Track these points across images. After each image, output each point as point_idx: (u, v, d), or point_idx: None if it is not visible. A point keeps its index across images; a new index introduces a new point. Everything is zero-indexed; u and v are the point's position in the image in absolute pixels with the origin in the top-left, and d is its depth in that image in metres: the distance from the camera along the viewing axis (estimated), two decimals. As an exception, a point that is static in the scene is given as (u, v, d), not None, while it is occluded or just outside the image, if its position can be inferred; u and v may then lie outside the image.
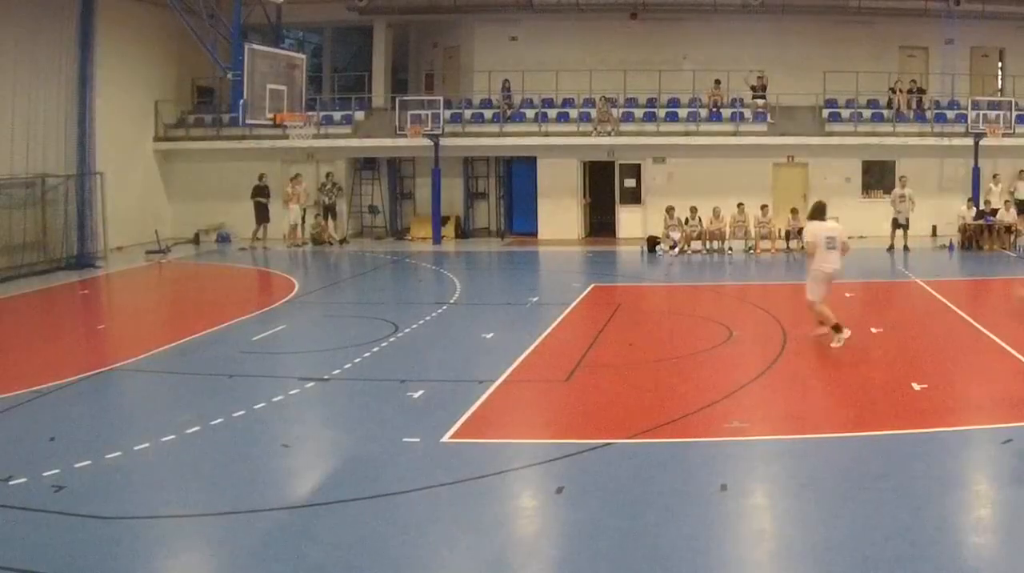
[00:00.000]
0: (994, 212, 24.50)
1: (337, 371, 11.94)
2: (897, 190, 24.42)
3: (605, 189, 28.07)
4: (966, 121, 25.60)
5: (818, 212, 13.32)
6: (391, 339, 13.85)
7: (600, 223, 28.32)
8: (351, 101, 29.30)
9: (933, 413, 10.00)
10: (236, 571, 6.65)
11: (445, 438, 9.25)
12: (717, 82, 27.40)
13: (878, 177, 26.96)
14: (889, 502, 7.39)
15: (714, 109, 27.49)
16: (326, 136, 27.68)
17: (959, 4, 26.63)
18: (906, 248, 23.51)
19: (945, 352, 12.95)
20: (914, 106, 27.26)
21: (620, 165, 27.78)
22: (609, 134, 26.92)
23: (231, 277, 22.13)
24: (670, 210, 25.12)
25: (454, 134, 27.39)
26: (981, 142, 25.44)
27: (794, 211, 24.71)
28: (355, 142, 28.26)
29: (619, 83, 27.61)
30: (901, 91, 27.37)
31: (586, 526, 7.20)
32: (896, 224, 23.94)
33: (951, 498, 7.62)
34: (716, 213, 24.97)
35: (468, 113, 28.09)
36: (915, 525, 6.98)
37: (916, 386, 10.80)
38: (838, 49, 27.43)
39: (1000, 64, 28.58)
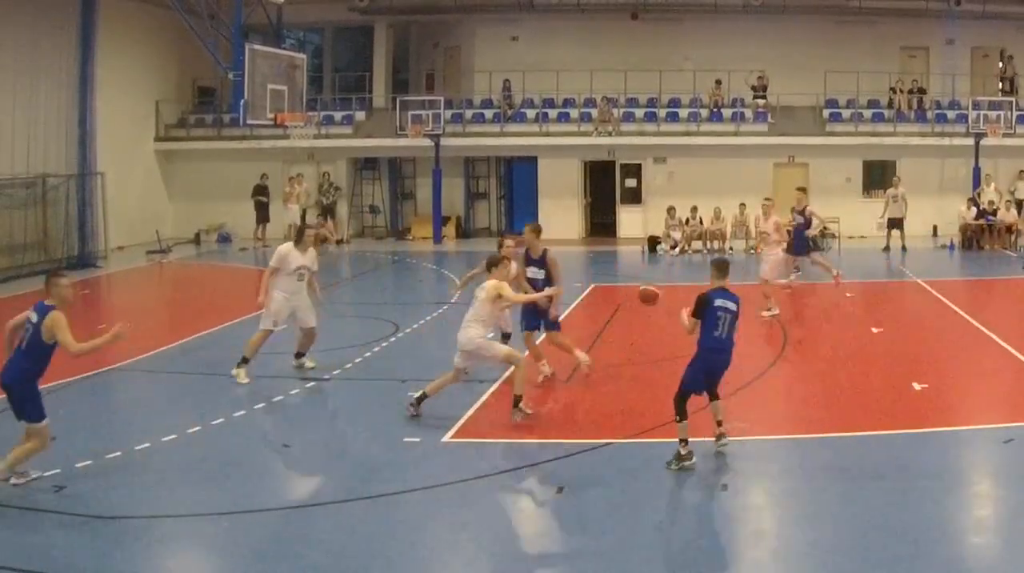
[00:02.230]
0: (995, 212, 24.50)
1: (338, 371, 11.94)
2: (891, 190, 24.40)
3: (606, 189, 28.06)
4: (967, 121, 25.60)
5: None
6: (392, 339, 13.86)
7: (601, 223, 28.31)
8: (352, 101, 29.30)
9: (933, 413, 10.01)
10: (236, 571, 6.66)
11: (446, 438, 9.25)
12: (718, 82, 27.39)
13: (879, 177, 26.93)
14: (889, 502, 7.40)
15: (715, 109, 27.48)
16: (327, 136, 27.70)
17: (960, 4, 26.62)
18: (904, 248, 23.51)
19: (945, 352, 12.95)
20: (915, 106, 27.25)
21: (621, 165, 27.77)
22: (610, 134, 26.91)
23: (232, 277, 22.13)
24: (671, 210, 25.13)
25: (455, 134, 27.39)
26: (982, 142, 25.43)
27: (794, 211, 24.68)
28: (356, 142, 28.27)
29: (620, 83, 27.60)
30: (902, 91, 27.36)
31: (586, 526, 7.21)
32: (891, 224, 23.91)
33: (951, 498, 7.62)
34: (717, 213, 24.98)
35: (469, 113, 28.09)
36: (915, 525, 6.99)
37: (916, 386, 10.80)
38: (839, 49, 27.42)
39: (1000, 64, 28.55)
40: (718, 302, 8.47)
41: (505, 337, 11.62)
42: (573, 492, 7.85)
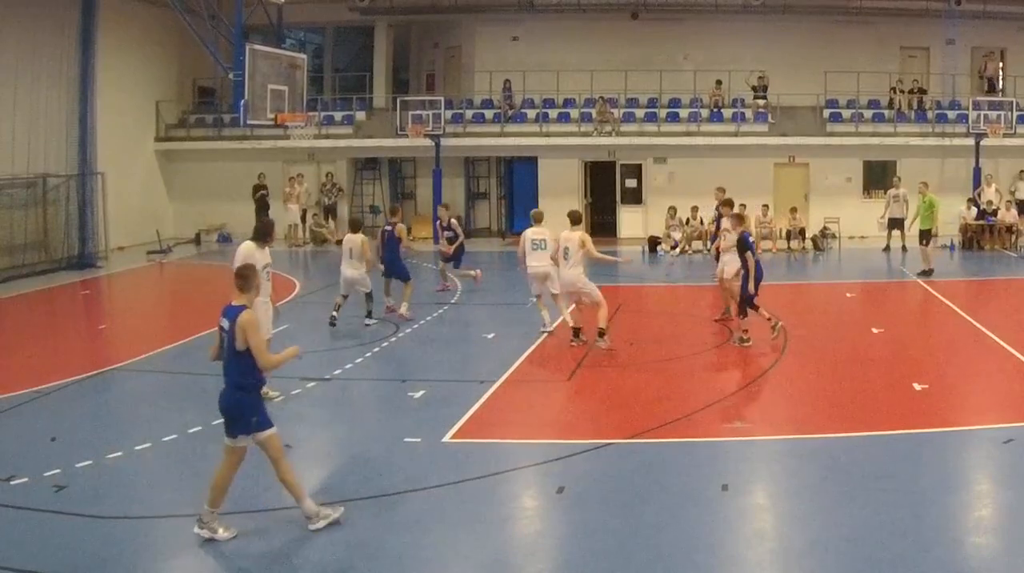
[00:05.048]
0: (995, 212, 24.50)
1: (338, 371, 11.95)
2: (892, 190, 24.37)
3: (606, 189, 28.06)
4: (967, 121, 25.59)
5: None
6: (392, 339, 13.87)
7: (601, 223, 28.29)
8: (352, 101, 29.30)
9: (933, 413, 10.01)
10: (236, 571, 6.66)
11: (446, 438, 9.26)
12: (718, 82, 27.39)
13: (879, 177, 26.92)
14: (889, 502, 7.40)
15: (715, 109, 27.48)
16: (327, 136, 27.72)
17: (960, 4, 26.62)
18: (904, 248, 23.50)
19: (946, 352, 12.95)
20: (915, 106, 27.25)
21: (621, 165, 27.78)
22: (610, 134, 26.92)
23: (232, 277, 22.11)
24: (672, 210, 25.13)
25: (455, 134, 27.40)
26: (982, 142, 25.43)
27: (794, 210, 24.73)
28: (356, 142, 28.28)
29: (620, 83, 27.61)
30: (902, 91, 27.36)
31: (586, 526, 7.21)
32: (891, 225, 23.90)
33: (951, 498, 7.62)
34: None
35: (469, 113, 28.10)
36: (916, 525, 6.99)
37: (917, 386, 10.81)
38: (839, 49, 27.42)
39: (1001, 64, 28.55)
40: (752, 238, 13.03)
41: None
42: (573, 492, 7.85)
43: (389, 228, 15.62)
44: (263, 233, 10.40)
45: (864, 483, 7.86)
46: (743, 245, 12.95)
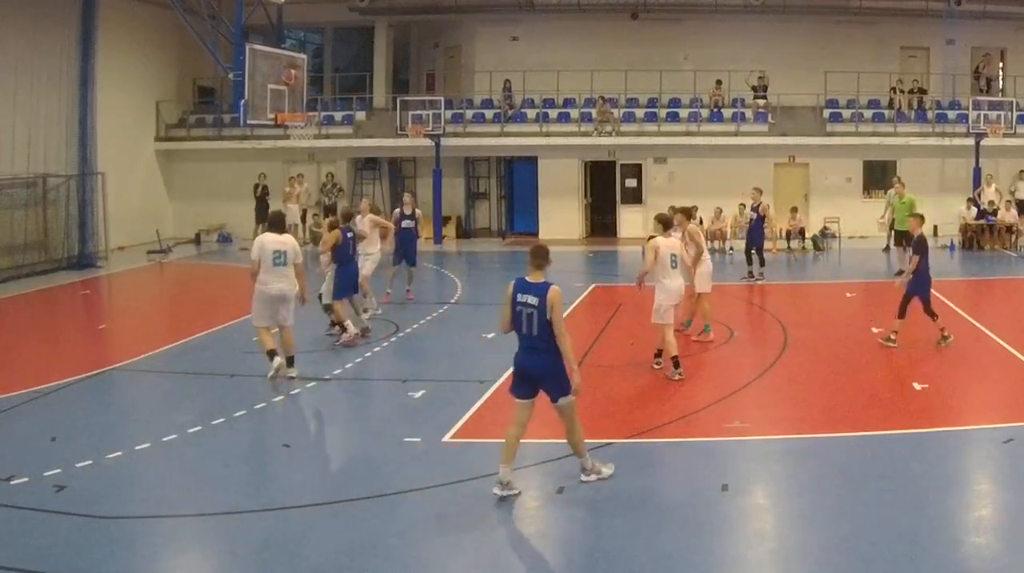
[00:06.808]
0: (995, 212, 24.50)
1: (338, 371, 11.94)
2: (892, 191, 24.33)
3: (606, 189, 28.07)
4: (967, 121, 25.59)
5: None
6: (392, 339, 13.86)
7: (601, 223, 28.31)
8: (352, 101, 29.30)
9: (933, 413, 10.01)
10: (236, 571, 6.66)
11: (446, 438, 9.26)
12: (718, 82, 27.40)
13: (879, 177, 26.92)
14: (889, 502, 7.40)
15: (715, 109, 27.49)
16: (327, 136, 27.72)
17: (960, 4, 26.62)
18: (904, 248, 23.46)
19: (946, 352, 12.94)
20: (915, 106, 27.25)
21: (621, 165, 27.79)
22: (610, 134, 26.93)
23: (232, 277, 22.10)
24: (672, 210, 25.09)
25: (455, 134, 27.41)
26: (982, 142, 25.43)
27: (794, 210, 24.73)
28: (356, 142, 28.29)
29: (620, 83, 27.61)
30: (902, 91, 27.37)
31: (586, 526, 7.21)
32: (892, 225, 23.85)
33: (951, 498, 7.62)
34: (717, 213, 24.98)
35: (469, 113, 28.10)
36: (915, 525, 6.99)
37: (917, 386, 10.81)
38: (839, 49, 27.44)
39: (1001, 64, 28.57)
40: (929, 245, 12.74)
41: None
42: (573, 492, 7.85)
43: (351, 235, 13.87)
44: (277, 223, 11.68)
45: (864, 483, 7.86)
46: (920, 246, 12.72)
